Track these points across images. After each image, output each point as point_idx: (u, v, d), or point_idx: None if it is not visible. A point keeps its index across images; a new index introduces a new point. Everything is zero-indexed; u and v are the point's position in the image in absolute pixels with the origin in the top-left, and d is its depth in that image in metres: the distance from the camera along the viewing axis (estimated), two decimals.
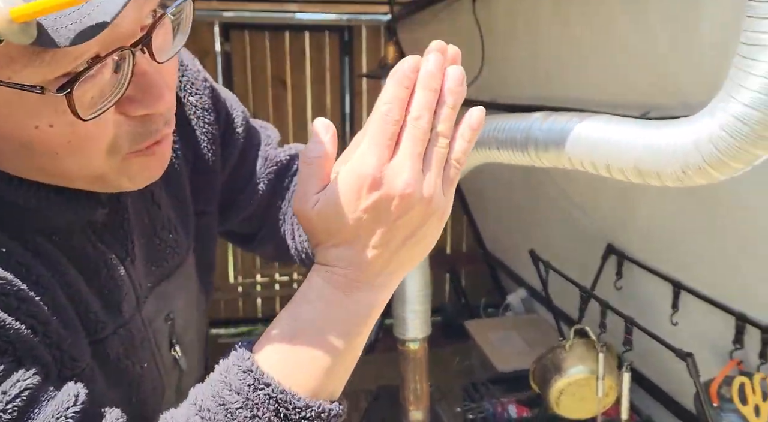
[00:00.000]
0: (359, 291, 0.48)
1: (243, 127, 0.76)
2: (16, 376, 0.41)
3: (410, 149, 0.45)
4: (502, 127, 1.21)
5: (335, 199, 0.46)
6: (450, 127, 0.47)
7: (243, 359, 0.46)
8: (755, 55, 0.80)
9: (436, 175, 0.46)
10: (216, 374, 0.47)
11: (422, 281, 1.57)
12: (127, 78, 0.41)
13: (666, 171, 0.92)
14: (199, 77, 0.69)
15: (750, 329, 1.49)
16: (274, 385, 0.45)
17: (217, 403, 0.45)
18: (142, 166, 0.48)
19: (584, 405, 1.71)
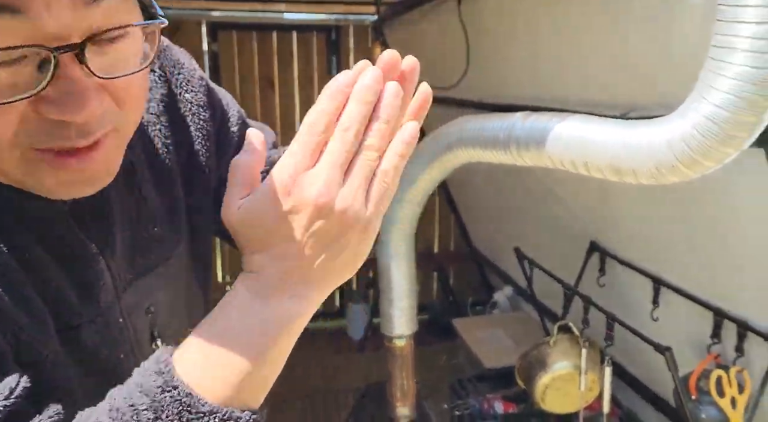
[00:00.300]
0: (277, 301, 0.47)
1: (238, 126, 0.77)
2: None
3: (330, 159, 0.44)
4: (485, 126, 1.23)
5: (255, 205, 0.46)
6: (381, 140, 0.45)
7: (159, 361, 0.46)
8: (725, 57, 0.83)
9: (357, 187, 0.45)
10: (134, 374, 0.48)
11: (408, 278, 1.60)
12: (47, 79, 0.40)
13: (641, 169, 0.96)
14: (195, 75, 0.70)
15: (727, 324, 1.52)
16: (182, 388, 0.44)
17: (127, 403, 0.45)
18: (56, 176, 0.46)
19: (568, 399, 1.74)
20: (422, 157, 1.44)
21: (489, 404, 2.36)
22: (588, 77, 1.55)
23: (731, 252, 1.45)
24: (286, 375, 0.84)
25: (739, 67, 0.82)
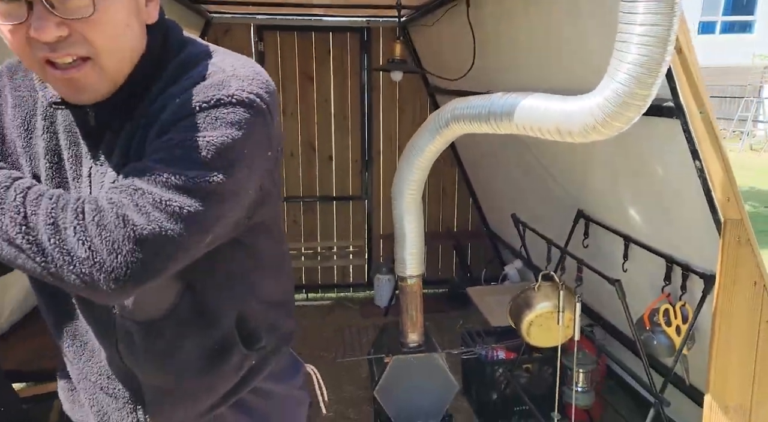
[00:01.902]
0: None
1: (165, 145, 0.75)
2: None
3: None
4: (471, 105, 1.63)
5: None
6: None
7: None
8: (624, 49, 1.21)
9: None
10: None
11: (417, 230, 1.98)
12: (27, 13, 0.67)
13: (574, 129, 1.34)
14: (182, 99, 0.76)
15: (675, 268, 1.87)
16: None
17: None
18: (59, 84, 0.73)
19: (550, 334, 2.10)
20: (427, 131, 1.83)
21: (494, 352, 2.74)
22: (556, 67, 1.92)
23: (675, 211, 1.80)
24: (319, 335, 1.16)
25: (633, 56, 1.19)
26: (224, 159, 0.72)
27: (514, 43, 2.17)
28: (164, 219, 0.68)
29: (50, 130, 0.83)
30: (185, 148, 0.71)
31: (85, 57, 0.71)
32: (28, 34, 0.68)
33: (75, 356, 0.91)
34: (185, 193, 0.69)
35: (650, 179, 1.81)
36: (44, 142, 0.83)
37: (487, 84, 2.52)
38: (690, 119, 1.39)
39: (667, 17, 1.15)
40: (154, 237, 0.67)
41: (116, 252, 0.66)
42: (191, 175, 0.70)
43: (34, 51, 0.70)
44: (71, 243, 0.66)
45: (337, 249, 4.26)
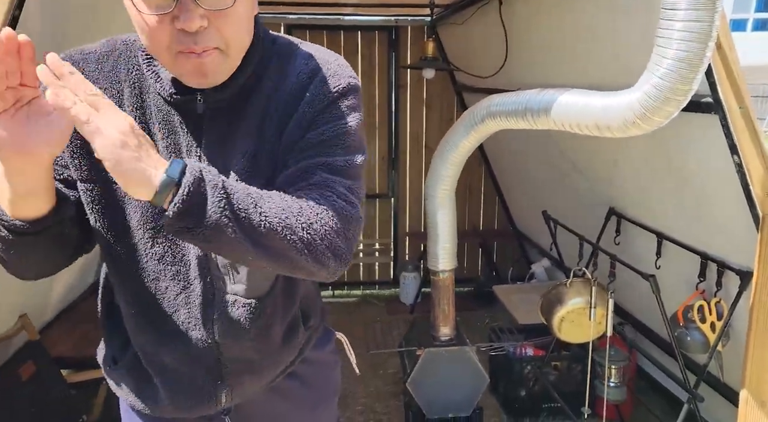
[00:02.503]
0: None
1: (320, 138, 0.83)
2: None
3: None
4: (507, 101, 1.65)
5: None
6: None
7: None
8: (665, 45, 1.22)
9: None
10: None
11: (450, 225, 2.01)
12: (174, 5, 0.72)
13: (613, 125, 1.35)
14: (323, 94, 0.84)
15: (710, 265, 1.87)
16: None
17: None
18: (188, 70, 0.77)
19: (581, 330, 2.11)
20: (462, 127, 1.86)
21: (522, 349, 2.76)
22: (590, 64, 1.93)
23: (711, 208, 1.79)
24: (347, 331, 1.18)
25: (674, 51, 1.20)
26: (359, 140, 0.86)
27: (546, 40, 2.19)
28: (356, 203, 0.82)
29: (141, 120, 0.86)
30: (337, 137, 0.83)
31: (215, 47, 0.77)
32: (171, 24, 0.74)
33: (154, 337, 0.92)
34: (352, 177, 0.83)
35: (686, 175, 1.81)
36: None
37: (517, 82, 2.53)
38: (729, 114, 1.40)
39: (709, 13, 1.16)
40: (356, 222, 0.81)
41: (348, 240, 0.80)
42: (349, 160, 0.83)
43: (174, 41, 0.75)
44: (316, 239, 0.76)
45: (363, 246, 4.30)
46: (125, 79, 0.86)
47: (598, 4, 1.74)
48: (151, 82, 0.85)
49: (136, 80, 0.86)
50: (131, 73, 0.86)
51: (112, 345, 1.00)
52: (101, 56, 0.86)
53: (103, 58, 0.86)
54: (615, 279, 1.94)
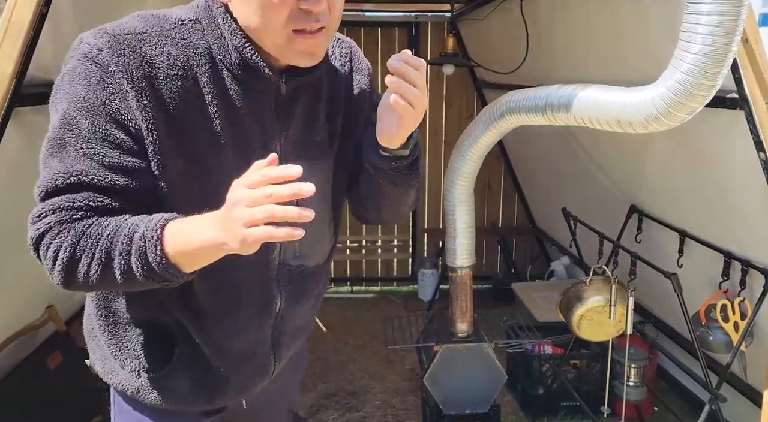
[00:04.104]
0: (211, 227, 0.75)
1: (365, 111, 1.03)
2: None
3: (250, 195, 0.70)
4: (528, 96, 1.64)
5: (237, 181, 0.73)
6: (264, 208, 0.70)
7: (161, 219, 0.77)
8: (689, 39, 1.20)
9: (246, 216, 0.69)
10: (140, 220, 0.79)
11: (468, 220, 2.01)
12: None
13: (634, 121, 1.34)
14: (364, 65, 1.06)
15: (734, 263, 1.84)
16: (157, 236, 0.76)
17: (128, 229, 0.78)
18: (301, 49, 0.81)
19: (601, 329, 2.10)
20: (481, 122, 1.85)
21: (540, 347, 2.74)
22: (614, 59, 1.91)
23: (736, 205, 1.76)
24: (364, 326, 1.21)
25: (698, 46, 1.18)
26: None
27: (569, 36, 2.17)
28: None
29: (222, 105, 0.85)
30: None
31: (324, 27, 0.82)
32: (296, 5, 0.78)
33: (230, 326, 0.96)
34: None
35: (710, 172, 1.78)
36: (221, 119, 0.86)
37: (538, 78, 2.51)
38: (755, 110, 1.37)
39: (735, 7, 1.14)
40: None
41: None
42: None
43: (292, 19, 0.79)
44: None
45: (381, 242, 4.31)
46: (197, 63, 0.84)
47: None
48: (230, 58, 0.84)
49: (208, 62, 0.85)
50: (202, 54, 0.85)
51: (144, 356, 0.96)
52: (159, 37, 0.83)
53: (161, 39, 0.83)
54: (636, 277, 1.92)
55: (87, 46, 0.80)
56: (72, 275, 0.80)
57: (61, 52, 0.88)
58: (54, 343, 2.20)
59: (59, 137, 0.80)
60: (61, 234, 0.79)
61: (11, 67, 1.27)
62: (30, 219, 0.81)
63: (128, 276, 0.79)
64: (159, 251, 0.76)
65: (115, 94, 0.79)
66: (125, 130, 0.80)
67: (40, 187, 0.81)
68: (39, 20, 1.29)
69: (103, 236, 0.78)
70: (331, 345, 3.32)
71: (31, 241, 0.81)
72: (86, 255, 0.78)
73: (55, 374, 2.16)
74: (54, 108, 0.82)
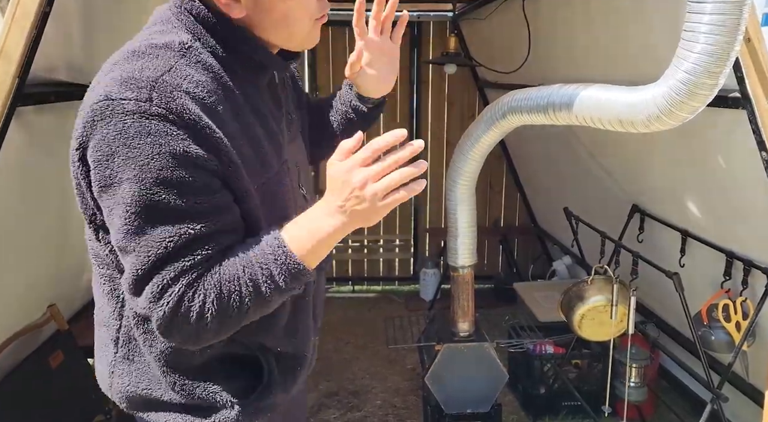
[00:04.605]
0: (327, 217, 0.81)
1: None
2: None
3: (372, 170, 0.77)
4: (530, 96, 1.64)
5: (335, 168, 0.79)
6: (400, 175, 0.77)
7: (277, 236, 0.82)
8: (692, 39, 1.20)
9: (377, 190, 0.77)
10: (263, 241, 0.83)
11: (469, 219, 2.00)
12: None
13: (636, 120, 1.34)
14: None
15: (736, 263, 1.83)
16: (287, 250, 0.80)
17: (257, 256, 0.81)
18: (317, 34, 0.93)
19: (602, 328, 2.09)
20: (483, 122, 1.85)
21: (542, 347, 2.74)
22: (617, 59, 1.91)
23: (738, 205, 1.76)
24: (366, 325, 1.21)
25: (701, 45, 1.18)
26: None
27: (570, 35, 2.17)
28: None
29: (252, 112, 0.89)
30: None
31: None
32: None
33: (303, 330, 1.03)
34: None
35: (712, 172, 1.78)
36: (255, 125, 0.89)
37: (540, 77, 2.51)
38: (757, 109, 1.37)
39: (737, 6, 1.14)
40: None
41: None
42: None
43: (316, 8, 0.89)
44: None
45: (383, 242, 4.31)
46: (219, 79, 0.84)
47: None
48: (237, 65, 0.88)
49: (224, 75, 0.85)
50: (219, 71, 0.85)
51: (231, 386, 0.95)
52: (184, 68, 0.80)
53: (186, 69, 0.80)
54: (637, 277, 1.92)
55: (129, 103, 0.74)
56: (224, 324, 0.80)
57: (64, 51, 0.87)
58: (56, 342, 2.20)
59: (143, 209, 0.75)
60: (199, 293, 0.77)
61: (14, 67, 1.27)
62: (147, 301, 0.77)
63: (278, 296, 0.83)
64: (297, 260, 0.81)
65: (185, 140, 0.75)
66: (207, 169, 0.78)
67: (141, 266, 0.76)
68: (42, 19, 1.29)
69: (240, 274, 0.79)
70: (332, 344, 3.33)
71: (162, 321, 0.77)
72: (234, 298, 0.79)
73: (57, 373, 2.16)
74: (116, 184, 0.75)
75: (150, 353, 0.92)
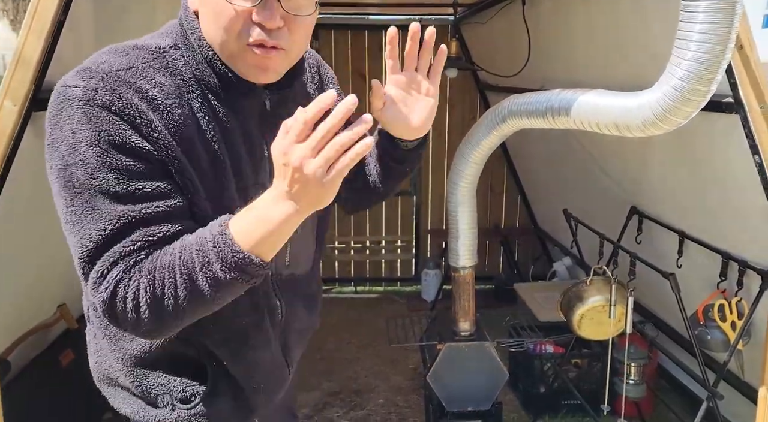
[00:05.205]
0: (276, 204, 0.75)
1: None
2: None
3: (309, 144, 0.70)
4: (529, 100, 1.68)
5: (275, 151, 0.73)
6: (341, 140, 0.70)
7: (222, 221, 0.77)
8: (685, 45, 1.24)
9: (320, 164, 0.70)
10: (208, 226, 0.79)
11: (470, 221, 2.04)
12: (259, 1, 0.78)
13: (632, 124, 1.38)
14: (330, 75, 1.16)
15: (732, 264, 1.87)
16: (228, 236, 0.75)
17: (195, 241, 0.78)
18: (252, 63, 0.82)
19: (601, 328, 2.13)
20: (483, 126, 1.89)
21: (542, 346, 2.78)
22: (617, 63, 1.95)
23: (734, 207, 1.80)
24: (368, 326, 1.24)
25: (693, 53, 1.22)
26: None
27: (571, 39, 2.21)
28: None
29: (217, 129, 0.87)
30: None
31: (281, 48, 0.83)
32: (250, 17, 0.80)
33: (245, 334, 0.97)
34: None
35: (709, 175, 1.82)
36: (218, 142, 0.86)
37: (541, 80, 2.55)
38: (750, 114, 1.41)
39: (728, 15, 1.18)
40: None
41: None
42: None
43: (246, 32, 0.80)
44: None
45: (385, 243, 4.36)
46: (187, 89, 0.85)
47: (626, 3, 1.76)
48: (213, 80, 0.86)
49: (195, 86, 0.86)
50: (189, 80, 0.85)
51: (174, 389, 0.96)
52: (147, 69, 0.82)
53: (150, 70, 0.82)
54: (635, 277, 1.96)
55: (77, 90, 0.77)
56: (161, 314, 0.77)
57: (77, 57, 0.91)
58: (66, 341, 2.25)
59: (84, 192, 0.77)
60: (134, 279, 0.76)
61: (31, 74, 1.32)
62: (91, 286, 0.78)
63: (217, 288, 0.77)
64: (237, 248, 0.75)
65: (126, 130, 0.77)
66: (148, 160, 0.79)
67: (84, 249, 0.77)
68: (57, 28, 1.34)
69: (176, 261, 0.77)
70: (335, 344, 3.37)
71: (103, 306, 0.77)
72: (168, 286, 0.76)
73: (67, 371, 2.20)
74: (60, 168, 0.77)
75: (104, 337, 0.96)
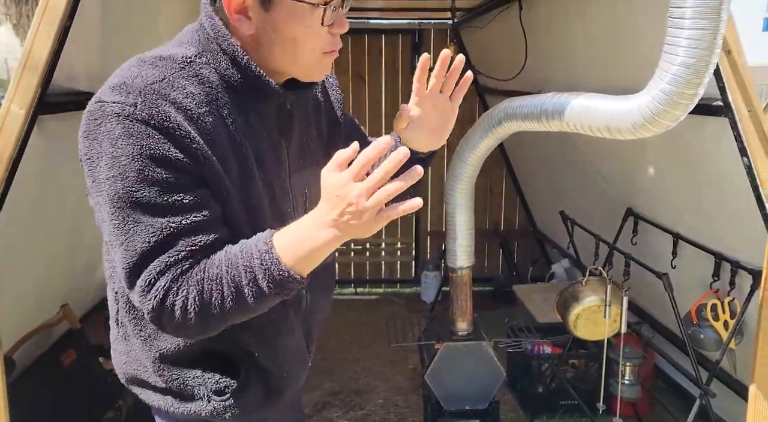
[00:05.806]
0: (320, 228, 0.80)
1: (341, 111, 1.22)
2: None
3: (367, 184, 0.75)
4: (524, 104, 1.72)
5: (331, 179, 0.77)
6: (391, 189, 0.76)
7: (267, 237, 0.82)
8: (672, 51, 1.28)
9: (372, 205, 0.75)
10: (251, 241, 0.84)
11: (467, 223, 2.08)
12: (338, 13, 0.88)
13: (623, 127, 1.41)
14: (333, 78, 1.21)
15: (725, 264, 1.90)
16: (274, 254, 0.80)
17: (238, 258, 0.82)
18: (326, 67, 0.94)
19: (596, 328, 2.16)
20: (480, 129, 1.93)
21: (540, 347, 2.81)
22: (612, 66, 1.98)
23: (726, 208, 1.83)
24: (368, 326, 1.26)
25: (681, 58, 1.26)
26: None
27: (567, 43, 2.24)
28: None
29: (245, 133, 0.91)
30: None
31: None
32: (327, 32, 0.89)
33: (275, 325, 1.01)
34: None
35: (702, 177, 1.85)
36: (246, 146, 0.90)
37: (538, 84, 2.59)
38: (738, 117, 1.44)
39: (714, 22, 1.21)
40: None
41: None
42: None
43: (327, 43, 0.91)
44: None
45: (385, 245, 4.39)
46: (216, 96, 0.88)
47: (620, 8, 1.79)
48: (240, 85, 0.89)
49: (223, 93, 0.89)
50: (217, 87, 0.88)
51: (208, 382, 1.00)
52: (178, 79, 0.85)
53: (180, 81, 0.85)
54: (630, 278, 1.99)
55: (116, 106, 0.80)
56: (207, 320, 0.83)
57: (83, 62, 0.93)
58: (68, 341, 2.28)
59: (126, 205, 0.80)
60: (183, 289, 0.81)
61: (37, 78, 1.35)
62: (138, 294, 0.82)
63: (260, 300, 0.82)
64: (283, 267, 0.80)
65: (165, 144, 0.80)
66: (186, 171, 0.82)
67: (130, 260, 0.81)
68: (63, 33, 1.38)
69: (223, 274, 0.81)
70: (335, 344, 3.40)
71: (153, 313, 0.82)
72: (215, 297, 0.81)
73: (69, 370, 2.23)
74: (101, 181, 0.81)
75: (137, 337, 0.99)
